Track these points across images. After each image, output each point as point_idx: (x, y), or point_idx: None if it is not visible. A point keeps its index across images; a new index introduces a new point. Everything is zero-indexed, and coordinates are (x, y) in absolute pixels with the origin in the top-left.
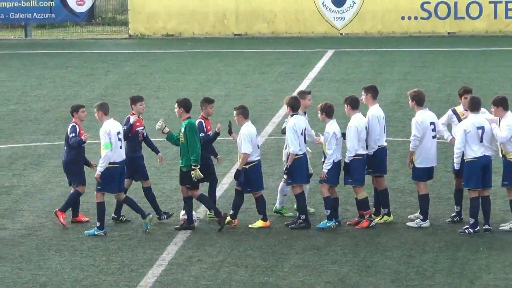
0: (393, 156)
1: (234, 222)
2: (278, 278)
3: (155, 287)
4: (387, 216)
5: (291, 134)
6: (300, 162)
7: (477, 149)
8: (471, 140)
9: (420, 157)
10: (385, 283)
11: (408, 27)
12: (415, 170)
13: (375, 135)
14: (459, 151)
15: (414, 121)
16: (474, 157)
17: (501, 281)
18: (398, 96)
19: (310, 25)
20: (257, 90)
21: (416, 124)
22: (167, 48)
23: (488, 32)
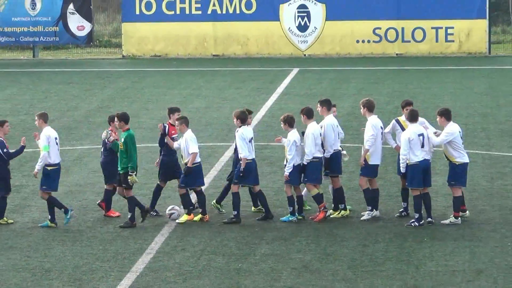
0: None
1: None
2: (250, 264)
3: (144, 272)
4: (344, 211)
5: (240, 141)
6: (249, 166)
7: (419, 154)
8: (414, 146)
9: (373, 156)
10: (343, 269)
11: (362, 49)
12: (369, 168)
13: (330, 140)
14: (405, 157)
15: (369, 124)
16: (416, 161)
17: (442, 267)
18: (354, 108)
19: (278, 47)
20: (233, 103)
21: (372, 126)
22: (155, 67)
23: (431, 54)
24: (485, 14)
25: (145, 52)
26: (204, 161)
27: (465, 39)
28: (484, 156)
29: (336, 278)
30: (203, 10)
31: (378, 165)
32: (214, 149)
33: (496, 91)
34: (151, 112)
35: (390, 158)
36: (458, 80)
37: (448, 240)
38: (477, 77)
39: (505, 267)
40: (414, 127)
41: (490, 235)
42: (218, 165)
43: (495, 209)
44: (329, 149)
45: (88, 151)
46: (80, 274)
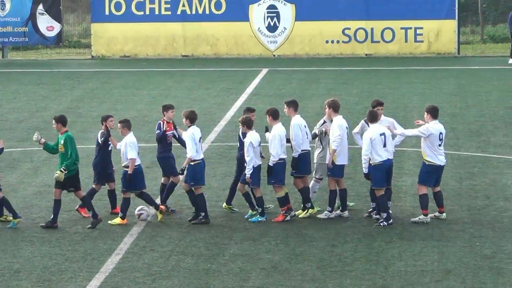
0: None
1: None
2: (219, 265)
3: (113, 273)
4: (312, 209)
5: (190, 141)
6: (199, 166)
7: (382, 153)
8: (376, 146)
9: (340, 155)
10: (312, 269)
11: (331, 49)
12: (336, 168)
13: (298, 140)
14: (367, 157)
15: (335, 124)
16: (380, 161)
17: (411, 267)
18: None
19: (247, 47)
20: (202, 103)
21: (338, 127)
22: (124, 67)
23: (400, 54)
24: (454, 15)
25: (114, 52)
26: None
27: (434, 39)
28: (453, 156)
29: (305, 279)
30: (172, 10)
31: (344, 165)
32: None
33: (465, 92)
34: (120, 112)
35: (358, 158)
36: (427, 81)
37: (417, 240)
38: (446, 78)
39: (474, 267)
40: (375, 127)
41: (458, 235)
42: None
43: (463, 209)
44: (297, 149)
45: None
46: (49, 274)
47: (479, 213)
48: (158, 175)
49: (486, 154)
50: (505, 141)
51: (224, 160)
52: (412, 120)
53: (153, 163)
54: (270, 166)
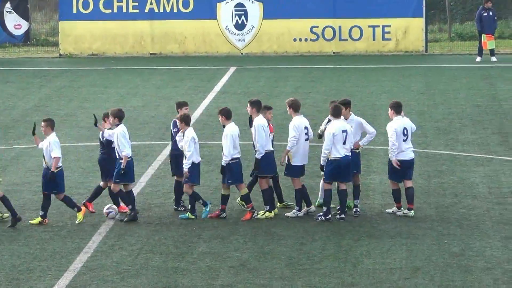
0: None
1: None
2: (188, 263)
3: (82, 271)
4: (269, 212)
5: (122, 139)
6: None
7: (341, 150)
8: (337, 142)
9: (296, 156)
10: (280, 267)
11: (299, 47)
12: (291, 168)
13: (262, 141)
14: (328, 151)
15: (292, 124)
16: (338, 156)
17: (379, 265)
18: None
19: (215, 45)
20: (170, 102)
21: (294, 127)
22: (92, 66)
23: (368, 52)
24: (421, 13)
25: (82, 50)
26: (142, 160)
27: (402, 37)
28: (421, 154)
29: (274, 276)
30: (140, 8)
31: (301, 166)
32: (152, 147)
33: (433, 89)
34: (88, 111)
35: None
36: (395, 79)
37: (385, 238)
38: (414, 76)
39: (442, 265)
40: (339, 123)
41: (427, 233)
42: (156, 163)
43: (431, 207)
44: (261, 150)
45: (25, 150)
46: (17, 273)
47: (447, 211)
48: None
49: (454, 152)
50: (473, 139)
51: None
52: (381, 118)
53: None
54: (223, 166)
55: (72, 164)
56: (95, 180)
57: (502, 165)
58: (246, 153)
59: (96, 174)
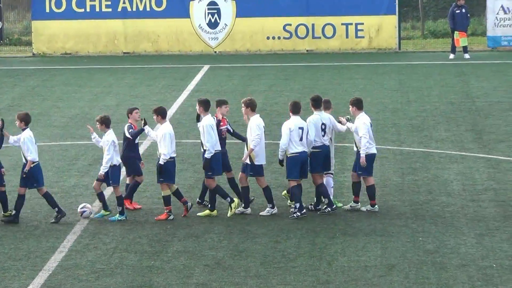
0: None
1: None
2: (163, 262)
3: (56, 271)
4: (210, 211)
5: (29, 144)
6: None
7: (298, 146)
8: (293, 138)
9: (258, 156)
10: (255, 265)
11: (273, 45)
12: (255, 167)
13: (212, 141)
14: (285, 147)
15: (254, 124)
16: (295, 152)
17: (354, 263)
18: (265, 105)
19: (189, 44)
20: (144, 100)
21: (257, 127)
22: (65, 65)
23: (341, 50)
24: (394, 10)
25: (55, 50)
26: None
27: (375, 35)
28: (395, 151)
29: (249, 275)
30: (113, 7)
31: (263, 165)
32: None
33: (406, 87)
34: (61, 110)
35: None
36: (369, 76)
37: (360, 235)
38: (387, 73)
39: (417, 262)
40: (296, 119)
41: (401, 230)
42: None
43: (406, 204)
44: (211, 150)
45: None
46: None
47: (422, 208)
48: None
49: (428, 149)
50: (446, 136)
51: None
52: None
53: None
54: (161, 165)
55: (47, 163)
56: (69, 179)
57: (475, 162)
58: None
59: (70, 172)
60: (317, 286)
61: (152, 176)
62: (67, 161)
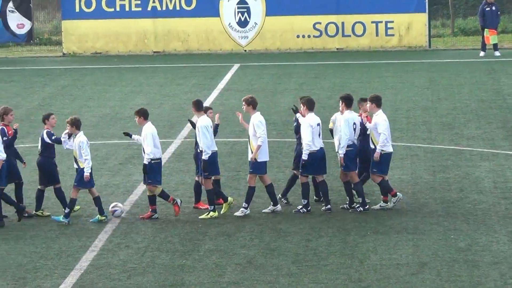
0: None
1: None
2: (194, 261)
3: (88, 270)
4: (213, 212)
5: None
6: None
7: (317, 142)
8: (314, 135)
9: (261, 153)
10: (287, 264)
11: (303, 44)
12: (258, 165)
13: (207, 141)
14: (311, 143)
15: (257, 120)
16: (315, 150)
17: (386, 261)
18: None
19: (219, 43)
20: (174, 99)
21: (259, 123)
22: (96, 64)
23: (371, 48)
24: (424, 8)
25: (85, 49)
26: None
27: (405, 33)
28: (426, 149)
29: (281, 273)
30: (143, 7)
31: (266, 162)
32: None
33: (436, 85)
34: (92, 109)
35: (332, 152)
36: (399, 74)
37: (391, 233)
38: (417, 71)
39: (449, 260)
40: (314, 116)
41: (433, 228)
42: None
43: (437, 202)
44: (207, 151)
45: (29, 149)
46: (24, 272)
47: (453, 205)
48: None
49: (459, 147)
50: (477, 134)
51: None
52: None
53: (126, 159)
54: (145, 164)
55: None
56: (100, 179)
57: (507, 159)
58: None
59: (101, 172)
60: (349, 285)
61: (182, 176)
62: (98, 160)
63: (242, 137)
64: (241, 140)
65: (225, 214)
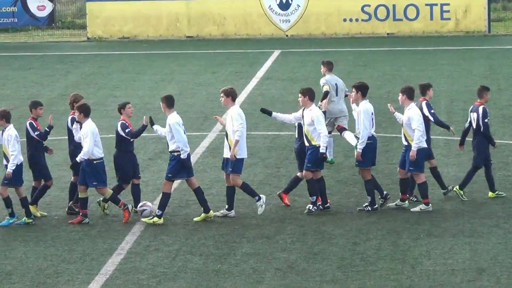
0: (337, 150)
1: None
2: (230, 265)
3: (114, 275)
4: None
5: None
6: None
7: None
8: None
9: (241, 148)
10: (332, 269)
11: (350, 28)
12: (237, 162)
13: (183, 138)
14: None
15: (235, 113)
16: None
17: (440, 266)
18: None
19: (258, 27)
20: (209, 89)
21: (238, 116)
22: (123, 50)
23: (425, 33)
24: None
25: (112, 33)
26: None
27: (462, 16)
28: None
29: (325, 279)
30: None
31: (243, 159)
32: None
33: (497, 74)
34: (119, 99)
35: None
36: (455, 62)
37: (446, 236)
38: (476, 58)
39: (509, 265)
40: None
41: (492, 231)
42: (194, 156)
43: (497, 202)
44: (185, 149)
45: (51, 142)
46: (44, 277)
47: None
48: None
49: None
50: None
51: None
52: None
53: (156, 154)
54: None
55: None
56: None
57: None
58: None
59: None
60: None
61: (217, 172)
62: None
63: (283, 131)
64: (282, 134)
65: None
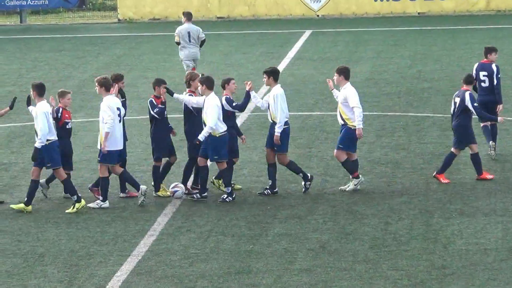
0: (369, 129)
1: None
2: (262, 246)
3: (146, 256)
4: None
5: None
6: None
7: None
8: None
9: (109, 140)
10: (364, 249)
11: (381, 8)
12: (107, 154)
13: (45, 129)
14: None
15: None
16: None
17: (472, 246)
18: (372, 73)
19: (288, 7)
20: (240, 69)
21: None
22: (154, 31)
23: (456, 12)
24: None
25: (143, 15)
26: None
27: None
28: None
29: (357, 259)
30: None
31: (116, 151)
32: None
33: None
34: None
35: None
36: (487, 41)
37: (479, 215)
38: (507, 37)
39: None
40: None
41: None
42: None
43: None
44: (42, 138)
45: (81, 124)
46: (77, 259)
47: None
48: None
49: None
50: None
51: (265, 131)
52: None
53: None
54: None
55: (135, 139)
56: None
57: None
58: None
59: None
60: (432, 272)
61: (249, 152)
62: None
63: (315, 111)
64: (313, 114)
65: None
